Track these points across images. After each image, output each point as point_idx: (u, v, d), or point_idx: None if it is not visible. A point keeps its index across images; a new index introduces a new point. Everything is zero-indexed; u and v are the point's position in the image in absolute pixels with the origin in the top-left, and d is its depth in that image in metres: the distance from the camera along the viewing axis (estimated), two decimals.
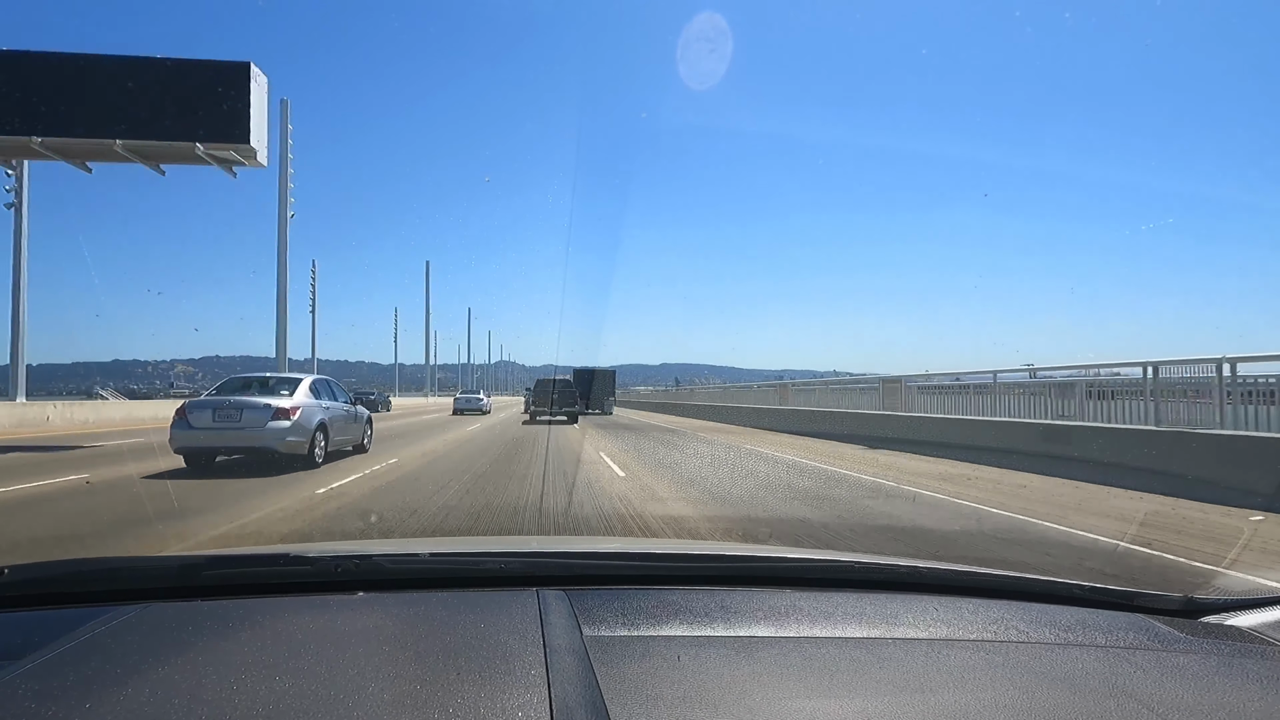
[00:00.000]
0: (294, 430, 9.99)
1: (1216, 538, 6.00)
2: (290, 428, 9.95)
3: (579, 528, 6.27)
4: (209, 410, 9.91)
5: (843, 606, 1.26)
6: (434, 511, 6.78)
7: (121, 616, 1.12)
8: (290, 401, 10.21)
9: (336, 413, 11.42)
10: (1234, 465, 7.89)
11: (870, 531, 6.16)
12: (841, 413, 18.85)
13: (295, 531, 5.88)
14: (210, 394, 10.86)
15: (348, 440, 11.94)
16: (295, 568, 1.33)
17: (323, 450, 10.54)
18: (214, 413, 9.92)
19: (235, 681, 0.89)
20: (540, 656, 0.97)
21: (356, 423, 12.41)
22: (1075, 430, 10.72)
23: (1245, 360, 9.06)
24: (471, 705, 0.84)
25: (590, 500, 7.57)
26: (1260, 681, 1.02)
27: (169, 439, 9.93)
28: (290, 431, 9.94)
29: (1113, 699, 0.93)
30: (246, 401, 10.06)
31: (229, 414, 9.93)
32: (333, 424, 11.04)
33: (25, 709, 0.83)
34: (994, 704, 0.90)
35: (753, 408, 26.70)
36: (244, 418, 9.88)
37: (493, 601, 1.22)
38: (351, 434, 12.14)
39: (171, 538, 5.72)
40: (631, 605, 1.20)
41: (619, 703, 0.86)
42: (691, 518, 6.64)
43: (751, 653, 1.04)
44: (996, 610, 1.26)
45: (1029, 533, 6.32)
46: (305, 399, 10.54)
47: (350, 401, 12.38)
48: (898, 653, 1.06)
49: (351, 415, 12.18)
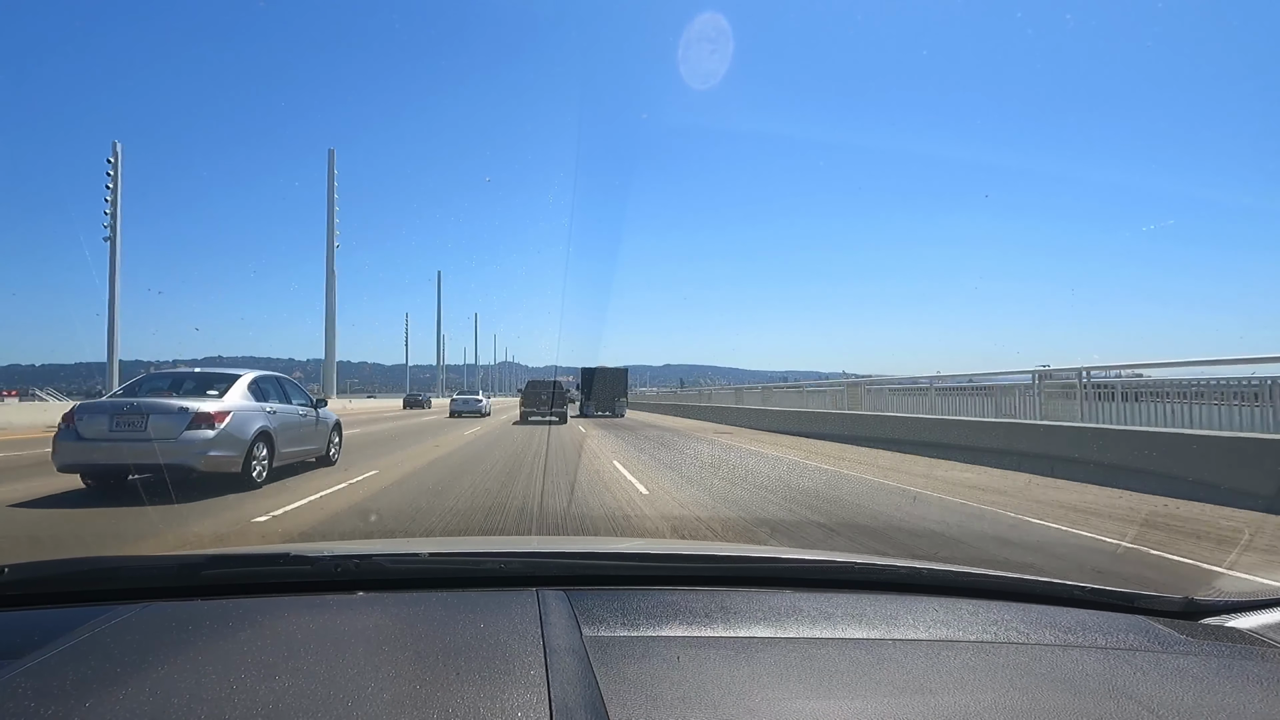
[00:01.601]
0: (220, 441, 7.71)
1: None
2: (215, 438, 7.65)
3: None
4: (105, 416, 7.58)
5: (842, 607, 1.26)
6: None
7: (121, 616, 1.12)
8: (217, 404, 7.95)
9: (286, 418, 9.17)
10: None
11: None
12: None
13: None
14: (116, 394, 8.61)
15: (306, 451, 9.87)
16: (295, 567, 1.33)
17: (265, 466, 8.39)
18: (112, 419, 7.53)
19: (235, 681, 0.89)
20: (540, 657, 0.97)
21: (318, 430, 10.21)
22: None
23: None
24: (471, 705, 0.84)
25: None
26: (1261, 683, 1.02)
27: (51, 453, 7.75)
28: (215, 443, 7.66)
29: (1112, 700, 0.93)
30: (155, 404, 7.69)
31: (131, 420, 7.52)
32: (282, 432, 8.87)
33: (25, 708, 0.83)
34: (994, 705, 0.90)
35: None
36: (151, 425, 7.50)
37: (493, 601, 1.22)
38: (311, 443, 10.01)
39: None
40: (631, 606, 1.20)
41: (619, 703, 0.86)
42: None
43: (751, 653, 1.04)
44: (996, 611, 1.26)
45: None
46: (240, 401, 8.36)
47: (310, 403, 10.20)
48: (897, 654, 1.06)
49: (310, 421, 9.97)
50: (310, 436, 9.99)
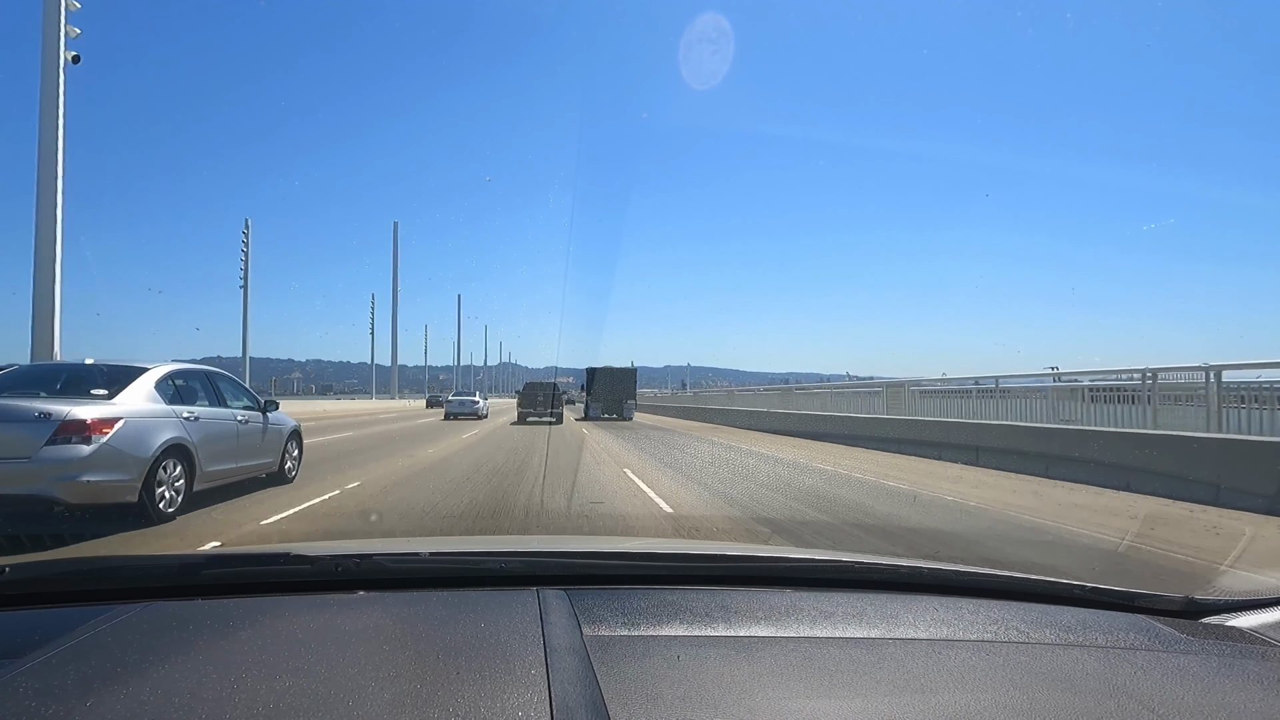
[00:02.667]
0: (100, 460, 5.62)
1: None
2: (90, 456, 5.57)
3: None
4: None
5: (843, 606, 1.26)
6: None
7: (122, 615, 1.12)
8: (100, 409, 5.84)
9: (216, 426, 7.07)
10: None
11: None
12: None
13: None
14: None
15: (248, 467, 7.78)
16: (296, 567, 1.32)
17: (179, 491, 6.36)
18: None
19: (236, 680, 0.89)
20: (540, 656, 0.97)
21: (266, 440, 8.12)
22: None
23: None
24: (471, 705, 0.84)
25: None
26: (1261, 683, 1.01)
27: None
28: (91, 463, 5.57)
29: (1113, 700, 0.93)
30: (6, 408, 5.67)
31: None
32: (208, 445, 6.80)
33: (26, 708, 0.83)
34: (994, 704, 0.90)
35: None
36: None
37: (493, 601, 1.22)
38: (257, 457, 7.95)
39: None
40: (632, 605, 1.20)
41: (619, 702, 0.86)
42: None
43: (751, 653, 1.04)
44: (997, 610, 1.26)
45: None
46: (140, 404, 6.26)
47: (256, 406, 8.12)
48: (898, 653, 1.06)
49: (253, 429, 7.83)
50: (254, 448, 7.89)
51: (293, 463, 8.89)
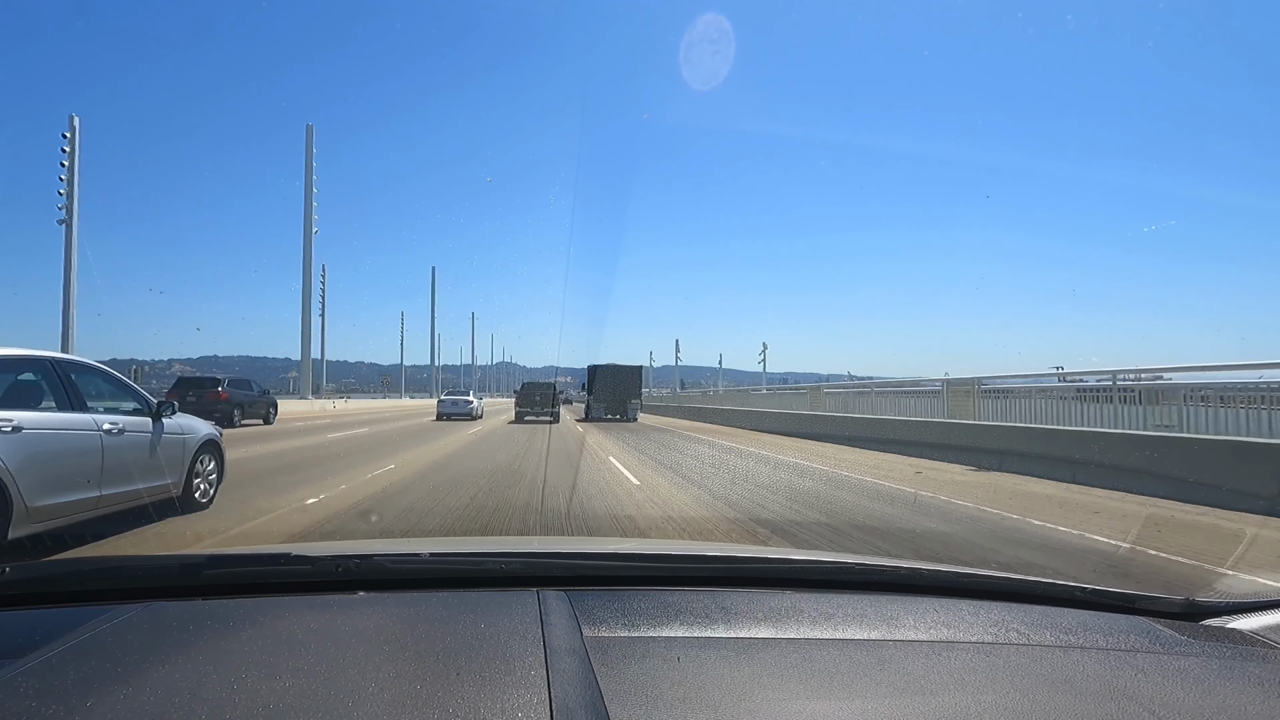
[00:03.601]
0: None
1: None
2: None
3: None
4: None
5: (843, 608, 1.26)
6: None
7: (122, 616, 1.12)
8: None
9: (57, 440, 5.08)
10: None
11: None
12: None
13: None
14: None
15: (128, 494, 5.75)
16: (296, 567, 1.32)
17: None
18: None
19: (236, 681, 0.89)
20: (540, 657, 0.97)
21: (156, 454, 6.10)
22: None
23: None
24: (471, 705, 0.84)
25: None
26: (1261, 685, 1.01)
27: None
28: None
29: (1113, 702, 0.93)
30: None
31: None
32: (39, 466, 4.84)
33: (26, 708, 0.83)
34: (994, 706, 0.90)
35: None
36: None
37: (493, 602, 1.22)
38: (142, 479, 5.88)
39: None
40: (632, 606, 1.20)
41: (619, 703, 0.86)
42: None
43: (751, 654, 1.04)
44: (997, 612, 1.26)
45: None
46: None
47: (146, 409, 6.16)
48: (898, 654, 1.06)
49: (137, 441, 5.90)
50: (137, 467, 5.87)
51: (206, 484, 6.80)
